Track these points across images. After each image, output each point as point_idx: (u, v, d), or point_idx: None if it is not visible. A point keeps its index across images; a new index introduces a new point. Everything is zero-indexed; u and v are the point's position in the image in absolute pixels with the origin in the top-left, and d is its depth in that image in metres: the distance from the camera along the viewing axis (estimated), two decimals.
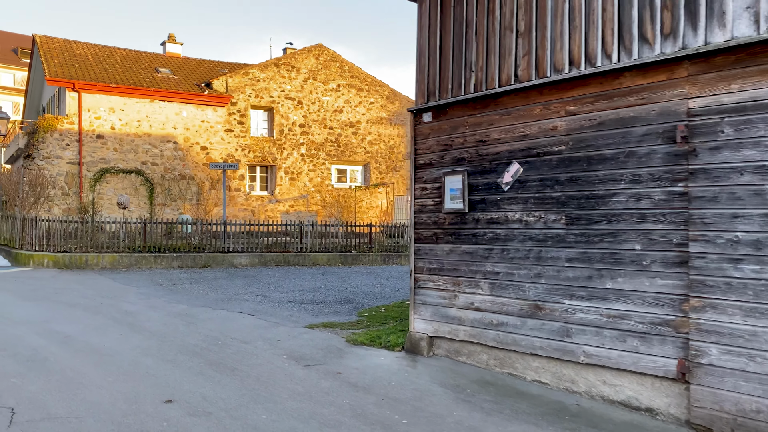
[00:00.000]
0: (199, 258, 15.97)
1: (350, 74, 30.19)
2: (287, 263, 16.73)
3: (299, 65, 29.01)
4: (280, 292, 11.87)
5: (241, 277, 14.15)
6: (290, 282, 13.32)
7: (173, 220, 17.60)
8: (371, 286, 12.84)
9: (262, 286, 12.71)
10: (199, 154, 26.63)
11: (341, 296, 11.36)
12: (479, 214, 6.76)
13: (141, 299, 10.94)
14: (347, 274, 14.89)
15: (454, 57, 7.08)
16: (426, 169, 7.40)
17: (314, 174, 29.23)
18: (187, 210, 26.27)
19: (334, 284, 13.01)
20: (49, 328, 8.39)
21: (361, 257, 17.38)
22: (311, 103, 29.17)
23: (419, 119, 7.51)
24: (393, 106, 31.03)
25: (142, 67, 27.73)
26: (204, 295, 11.41)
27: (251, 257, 16.42)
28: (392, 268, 16.48)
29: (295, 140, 28.74)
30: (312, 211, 29.29)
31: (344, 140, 29.81)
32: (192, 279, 13.68)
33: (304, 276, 14.46)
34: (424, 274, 7.38)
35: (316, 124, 29.22)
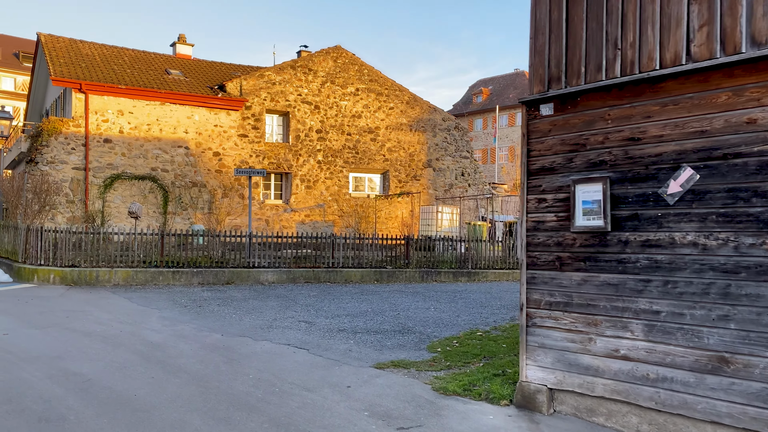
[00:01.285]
0: (222, 274, 14.39)
1: (369, 78, 28.76)
2: (318, 280, 15.15)
3: (316, 68, 27.58)
4: (324, 317, 10.30)
5: (272, 297, 12.57)
6: (331, 304, 11.75)
7: (193, 232, 16.05)
8: (424, 310, 11.28)
9: (301, 309, 11.14)
10: (211, 160, 25.13)
11: (397, 324, 9.79)
12: (629, 234, 5.22)
13: (166, 326, 9.36)
14: (389, 294, 13.32)
15: (588, 32, 5.56)
16: (545, 175, 5.86)
17: (331, 182, 27.73)
18: (198, 219, 24.72)
19: (380, 307, 11.45)
20: (63, 367, 6.82)
21: (397, 274, 15.81)
22: (329, 107, 27.71)
23: (534, 113, 5.98)
24: (413, 111, 29.58)
25: (152, 69, 26.26)
26: (238, 321, 9.84)
27: (278, 273, 14.85)
28: (434, 288, 14.91)
29: (311, 146, 27.26)
30: (329, 221, 27.77)
31: (362, 147, 28.34)
32: (218, 299, 12.10)
33: (343, 296, 12.89)
34: (542, 309, 5.82)
35: (334, 129, 27.76)
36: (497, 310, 11.43)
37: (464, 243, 17.38)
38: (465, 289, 14.61)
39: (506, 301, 12.60)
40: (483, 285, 15.58)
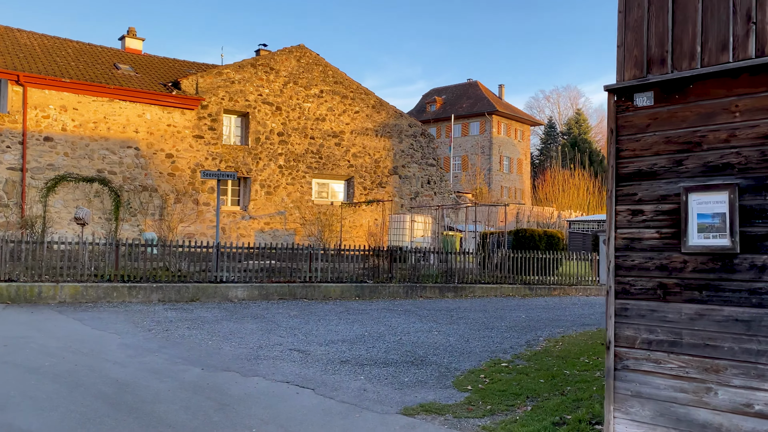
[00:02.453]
0: (185, 290, 12.72)
1: (334, 80, 27.42)
2: (293, 296, 13.65)
3: (279, 67, 26.05)
4: (317, 344, 8.89)
5: (248, 318, 11.04)
6: (318, 326, 10.34)
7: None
8: (426, 333, 10.02)
9: (286, 333, 9.68)
10: (164, 162, 23.20)
11: (405, 352, 8.49)
12: (767, 257, 4.11)
13: (131, 356, 7.77)
14: (379, 314, 11.99)
15: (706, 1, 4.45)
16: (641, 181, 4.71)
17: (293, 188, 26.18)
18: (149, 226, 22.74)
19: (377, 330, 10.11)
20: (3, 422, 5.22)
21: (380, 289, 14.48)
22: (291, 109, 26.20)
23: (625, 103, 4.82)
24: (379, 116, 28.40)
25: (99, 63, 24.14)
26: (216, 350, 8.32)
27: (249, 289, 13.28)
28: (423, 305, 13.67)
29: (272, 150, 25.67)
30: (290, 229, 26.19)
31: (326, 152, 26.93)
32: (186, 321, 10.49)
33: (328, 316, 11.48)
34: (638, 349, 4.65)
35: (296, 132, 26.25)
36: (506, 333, 10.28)
37: (452, 255, 16.25)
38: (457, 306, 13.43)
39: (509, 322, 11.48)
40: (473, 302, 14.45)
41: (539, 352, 8.69)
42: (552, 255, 17.23)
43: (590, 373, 7.49)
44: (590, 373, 7.49)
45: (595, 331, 10.73)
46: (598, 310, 13.66)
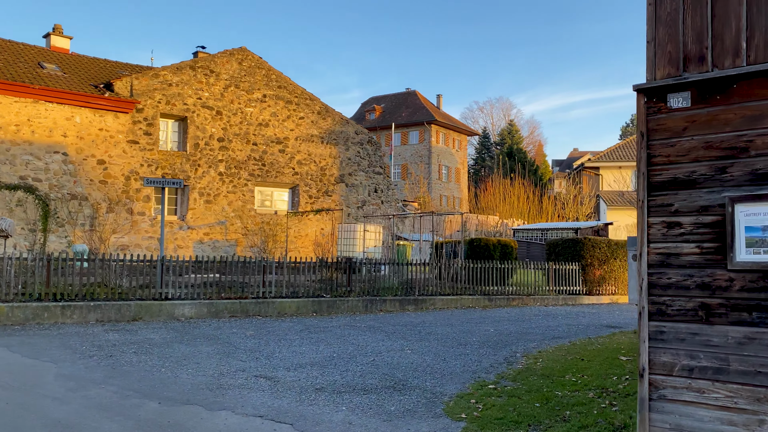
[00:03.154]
0: (127, 308, 11.57)
1: (278, 84, 26.51)
2: (246, 313, 12.71)
3: (219, 70, 24.93)
4: (284, 368, 8.10)
5: (201, 339, 10.08)
6: (281, 348, 9.53)
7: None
8: (398, 352, 9.38)
9: (247, 356, 8.83)
10: (95, 168, 21.68)
11: (382, 375, 7.83)
12: None
13: (73, 390, 6.77)
14: (342, 331, 11.27)
15: None
16: (678, 190, 4.27)
17: (234, 196, 25.04)
18: (78, 238, 21.14)
19: (345, 351, 9.39)
20: None
21: (338, 304, 13.72)
22: (232, 114, 25.11)
23: (658, 105, 4.38)
24: (325, 123, 27.66)
25: (22, 61, 22.36)
26: (172, 378, 7.40)
27: (197, 306, 12.25)
28: (385, 319, 13.03)
29: (212, 156, 24.48)
30: (231, 239, 25.03)
31: (270, 158, 25.96)
32: (132, 344, 9.45)
33: (288, 336, 10.67)
34: (677, 377, 4.19)
35: (238, 138, 25.17)
36: (481, 349, 9.78)
37: (406, 266, 15.68)
38: (421, 320, 12.86)
39: (480, 336, 11.01)
40: (436, 315, 13.92)
41: (522, 371, 8.21)
42: (509, 265, 16.99)
43: (582, 393, 7.06)
44: (582, 393, 7.06)
45: (569, 344, 10.40)
46: (562, 321, 13.41)
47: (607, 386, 7.42)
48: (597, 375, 8.00)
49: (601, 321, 13.57)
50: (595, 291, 17.89)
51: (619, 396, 6.97)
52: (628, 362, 8.94)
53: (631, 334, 11.69)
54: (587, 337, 11.18)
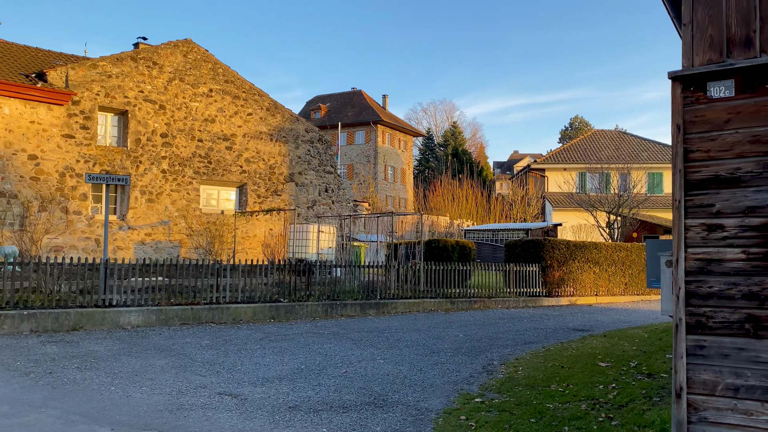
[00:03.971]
0: (65, 317, 10.49)
1: (225, 78, 25.41)
2: (198, 320, 11.80)
3: (163, 62, 23.65)
4: (249, 383, 7.37)
5: (152, 350, 9.19)
6: (242, 359, 8.76)
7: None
8: (370, 362, 8.78)
9: (206, 369, 8.03)
10: (25, 164, 20.11)
11: (360, 389, 7.21)
12: None
13: (7, 415, 5.87)
14: (305, 339, 10.56)
15: None
16: (719, 189, 3.85)
17: (178, 195, 23.80)
18: (6, 238, 19.53)
19: (312, 362, 8.72)
20: None
21: (297, 309, 12.95)
22: (177, 108, 23.87)
23: (695, 94, 3.96)
24: (274, 119, 26.73)
25: None
26: (124, 398, 6.56)
27: (145, 314, 11.26)
28: (348, 325, 12.38)
29: (155, 153, 23.19)
30: (175, 240, 23.78)
31: (216, 156, 24.83)
32: (73, 358, 8.48)
33: (248, 344, 9.89)
34: (720, 397, 3.77)
35: (182, 134, 23.94)
36: (455, 357, 9.29)
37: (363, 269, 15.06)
38: (385, 326, 12.27)
39: (450, 343, 10.52)
40: (399, 319, 13.36)
41: (505, 381, 7.76)
42: (469, 266, 16.65)
43: (574, 405, 6.65)
44: (574, 405, 6.65)
45: (543, 350, 10.05)
46: (529, 325, 13.12)
47: (597, 396, 7.05)
48: (582, 384, 7.63)
49: (567, 324, 13.35)
50: (555, 293, 17.78)
51: (612, 407, 6.60)
52: (608, 369, 8.64)
53: (601, 337, 11.48)
54: (559, 342, 10.88)
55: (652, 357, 9.59)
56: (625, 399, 6.93)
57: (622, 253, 19.46)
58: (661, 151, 41.51)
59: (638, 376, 8.24)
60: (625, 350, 10.09)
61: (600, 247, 18.96)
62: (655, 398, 7.03)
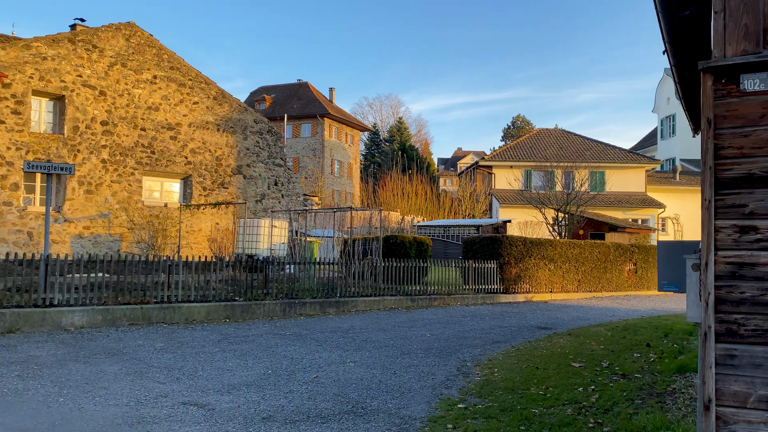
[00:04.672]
0: (0, 318, 9.56)
1: (170, 65, 24.28)
2: (148, 321, 11.03)
3: (103, 45, 22.36)
4: (214, 391, 6.81)
5: (102, 355, 8.45)
6: (201, 363, 8.16)
7: None
8: (340, 365, 8.35)
9: (164, 376, 7.41)
10: None
11: (335, 396, 6.78)
12: None
13: None
14: (266, 340, 10.00)
15: None
16: (753, 188, 3.63)
17: (119, 186, 22.60)
18: None
19: (279, 365, 8.21)
20: None
21: (253, 308, 12.33)
22: (118, 95, 22.63)
23: (727, 87, 3.72)
24: (221, 109, 25.75)
25: None
26: (76, 410, 5.92)
27: (90, 313, 10.43)
28: (309, 325, 11.86)
29: (94, 141, 21.91)
30: (115, 234, 22.57)
31: (160, 146, 23.71)
32: (13, 364, 7.67)
33: (206, 347, 9.27)
34: (752, 409, 3.56)
35: (124, 122, 22.73)
36: (427, 358, 8.97)
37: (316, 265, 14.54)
38: (349, 325, 11.82)
39: (418, 343, 10.19)
40: (362, 318, 12.93)
41: (483, 384, 7.49)
42: (426, 263, 16.40)
43: (559, 410, 6.43)
44: (559, 410, 6.43)
45: (513, 350, 9.86)
46: (492, 323, 12.95)
47: (579, 400, 6.86)
48: (562, 386, 7.44)
49: (529, 322, 13.27)
50: (512, 289, 17.75)
51: (598, 412, 6.41)
52: (582, 369, 8.50)
53: (566, 336, 11.42)
54: (526, 341, 10.73)
55: (621, 356, 9.55)
56: (609, 402, 6.77)
57: (575, 250, 19.67)
58: (603, 150, 42.56)
59: (613, 377, 8.14)
60: (594, 350, 10.02)
61: (555, 245, 19.08)
62: (636, 401, 6.90)
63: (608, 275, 20.79)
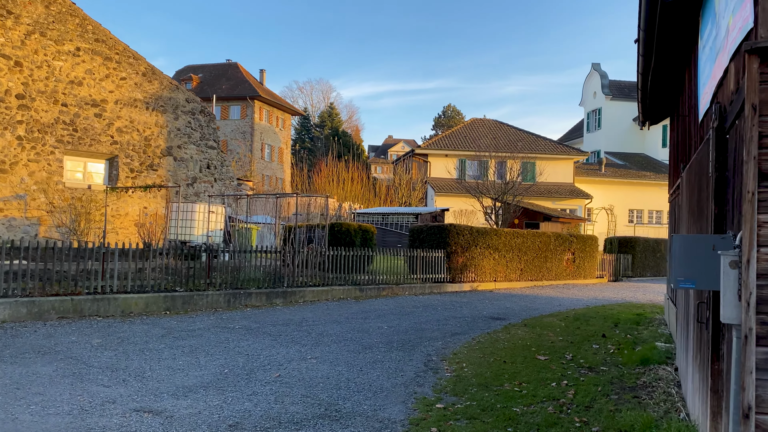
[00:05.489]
0: None
1: (95, 37, 22.59)
2: (80, 313, 10.03)
3: (20, 11, 20.51)
4: (169, 394, 6.14)
5: (32, 354, 7.53)
6: (148, 362, 7.41)
7: None
8: (301, 362, 7.80)
9: (108, 377, 6.64)
10: None
11: (304, 398, 6.26)
12: None
13: None
14: (215, 335, 9.29)
15: None
16: None
17: (38, 166, 20.90)
18: None
19: (236, 363, 7.57)
20: None
21: (196, 299, 11.49)
22: (36, 66, 20.86)
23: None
24: (151, 86, 24.27)
25: None
26: (10, 423, 5.14)
27: (13, 306, 9.33)
28: (259, 317, 11.16)
29: (8, 116, 20.13)
30: (33, 217, 20.90)
31: (83, 123, 22.08)
32: None
33: (150, 343, 8.48)
34: None
35: (43, 96, 21.00)
36: (390, 353, 8.55)
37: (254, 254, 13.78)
38: (300, 317, 11.21)
39: (377, 336, 9.76)
40: (313, 310, 12.31)
41: (455, 381, 7.16)
42: (373, 252, 15.97)
43: (540, 408, 6.19)
44: (540, 408, 6.19)
45: (474, 342, 9.61)
46: (446, 313, 12.68)
47: (557, 396, 6.64)
48: (534, 382, 7.22)
49: (481, 312, 13.10)
50: (458, 279, 17.61)
51: (581, 409, 6.21)
52: (549, 363, 8.34)
53: (522, 327, 11.30)
54: (484, 333, 10.52)
55: (581, 348, 9.49)
56: (587, 399, 6.58)
57: (519, 239, 19.77)
58: (534, 141, 43.40)
59: (581, 370, 8.01)
60: (553, 341, 9.92)
61: (500, 234, 19.10)
62: (612, 396, 6.77)
63: (549, 264, 21.07)
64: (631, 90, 52.90)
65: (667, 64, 9.01)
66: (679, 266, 4.18)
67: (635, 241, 26.87)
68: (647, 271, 27.20)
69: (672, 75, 9.60)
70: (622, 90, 52.22)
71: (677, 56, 8.62)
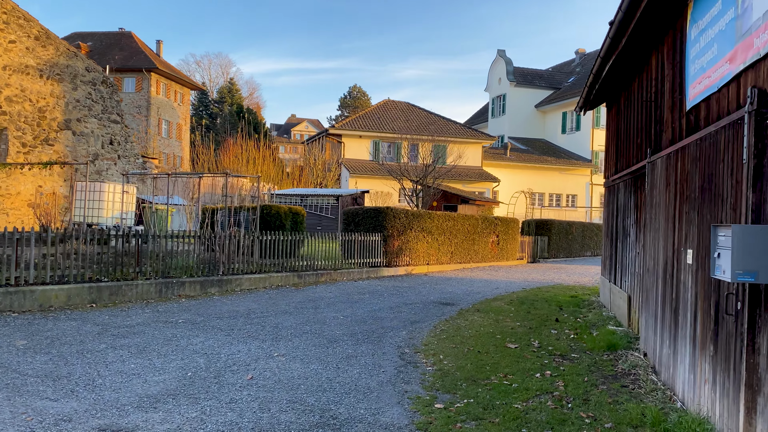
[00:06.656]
0: None
1: None
2: None
3: None
4: (133, 407, 5.26)
5: None
6: (96, 368, 6.40)
7: None
8: (269, 360, 7.06)
9: (52, 389, 5.60)
10: None
11: (291, 403, 5.59)
12: None
13: None
14: (159, 331, 8.28)
15: None
16: None
17: None
18: None
19: (196, 365, 6.70)
20: None
21: (124, 290, 10.27)
22: None
23: None
24: (45, 52, 21.90)
25: None
26: None
27: None
28: (200, 309, 10.12)
29: None
30: None
31: None
32: None
33: (87, 343, 7.37)
34: None
35: None
36: (358, 346, 7.98)
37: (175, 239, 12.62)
38: (245, 308, 10.29)
39: (338, 327, 9.13)
40: (254, 298, 11.38)
41: (440, 375, 6.74)
42: (306, 236, 15.19)
43: (539, 403, 5.92)
44: (539, 403, 5.92)
45: (438, 332, 9.24)
46: (394, 300, 12.20)
47: (548, 389, 6.40)
48: (518, 373, 6.96)
49: (428, 297, 12.78)
50: (393, 262, 17.21)
51: (580, 402, 6.01)
52: (521, 351, 8.14)
53: (476, 313, 11.08)
54: (442, 320, 10.19)
55: (542, 334, 9.39)
56: (579, 390, 6.39)
57: (450, 222, 19.67)
58: (445, 125, 43.77)
59: (555, 358, 7.86)
60: (513, 328, 9.75)
61: (433, 217, 18.88)
62: (601, 386, 6.63)
63: (476, 247, 21.19)
64: (533, 77, 54.67)
65: (634, 47, 8.95)
66: (738, 259, 3.93)
67: (551, 224, 27.70)
68: (561, 253, 28.19)
69: (633, 59, 9.59)
70: (525, 77, 53.85)
71: (647, 39, 8.56)
